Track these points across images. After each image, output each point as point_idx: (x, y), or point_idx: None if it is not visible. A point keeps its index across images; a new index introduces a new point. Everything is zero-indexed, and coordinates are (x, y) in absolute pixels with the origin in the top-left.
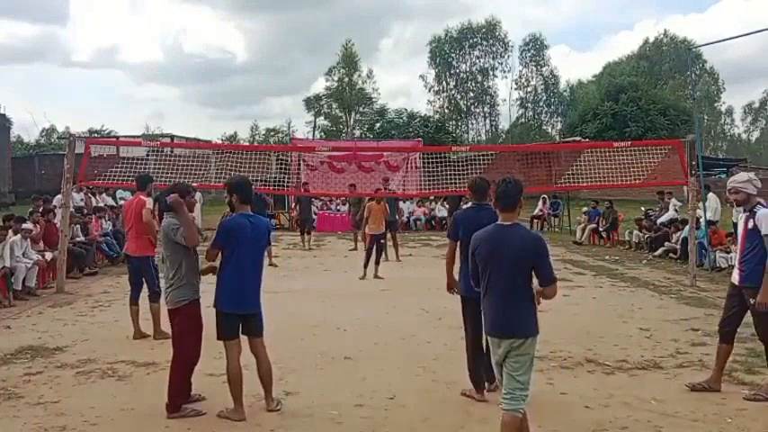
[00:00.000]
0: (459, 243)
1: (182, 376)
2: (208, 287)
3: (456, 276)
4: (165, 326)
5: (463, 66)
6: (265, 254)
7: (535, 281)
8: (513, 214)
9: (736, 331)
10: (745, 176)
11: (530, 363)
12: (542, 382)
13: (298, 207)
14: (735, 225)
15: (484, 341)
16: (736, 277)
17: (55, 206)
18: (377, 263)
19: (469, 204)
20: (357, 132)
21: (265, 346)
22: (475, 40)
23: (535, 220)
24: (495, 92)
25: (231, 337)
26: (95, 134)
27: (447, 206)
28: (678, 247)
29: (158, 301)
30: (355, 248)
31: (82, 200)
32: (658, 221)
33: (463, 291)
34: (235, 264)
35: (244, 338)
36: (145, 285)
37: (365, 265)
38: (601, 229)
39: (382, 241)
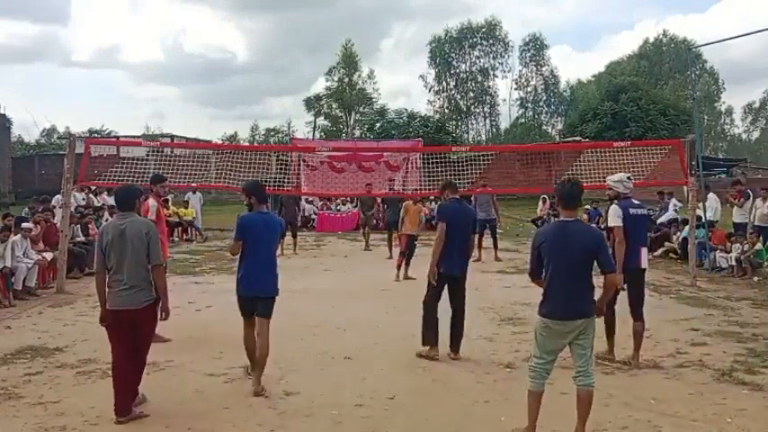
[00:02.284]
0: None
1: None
2: (207, 287)
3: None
4: (162, 331)
5: (463, 66)
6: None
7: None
8: (575, 212)
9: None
10: (617, 177)
11: (593, 341)
12: None
13: (281, 208)
14: (735, 225)
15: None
16: None
17: (54, 206)
18: (407, 264)
19: (450, 199)
20: (357, 132)
21: (268, 327)
22: (475, 40)
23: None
24: (495, 92)
25: (246, 316)
26: (95, 134)
27: None
28: (677, 246)
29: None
30: (367, 248)
31: (84, 199)
32: (658, 221)
33: (440, 268)
34: (250, 254)
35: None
36: None
37: (399, 267)
38: (602, 227)
39: (416, 242)
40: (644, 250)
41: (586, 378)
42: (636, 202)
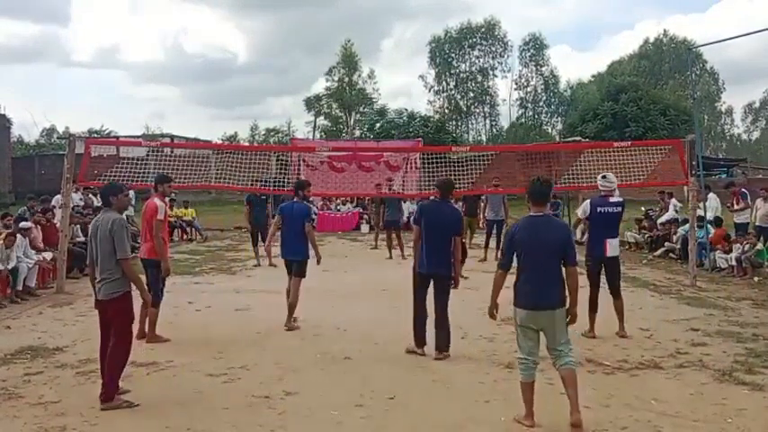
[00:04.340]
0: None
1: (124, 364)
2: (207, 287)
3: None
4: (162, 331)
5: (463, 66)
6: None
7: None
8: (543, 207)
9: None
10: (598, 177)
11: (566, 327)
12: (542, 381)
13: (248, 208)
14: (736, 225)
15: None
16: None
17: (54, 206)
18: None
19: (431, 198)
20: (357, 132)
21: (299, 284)
22: (474, 40)
23: None
24: (495, 92)
25: (288, 273)
26: (95, 134)
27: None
28: (677, 246)
29: (158, 306)
30: (375, 247)
31: (81, 199)
32: (658, 222)
33: (417, 267)
34: (286, 230)
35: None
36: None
37: None
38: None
39: None
40: (609, 241)
41: (564, 358)
42: (612, 200)
